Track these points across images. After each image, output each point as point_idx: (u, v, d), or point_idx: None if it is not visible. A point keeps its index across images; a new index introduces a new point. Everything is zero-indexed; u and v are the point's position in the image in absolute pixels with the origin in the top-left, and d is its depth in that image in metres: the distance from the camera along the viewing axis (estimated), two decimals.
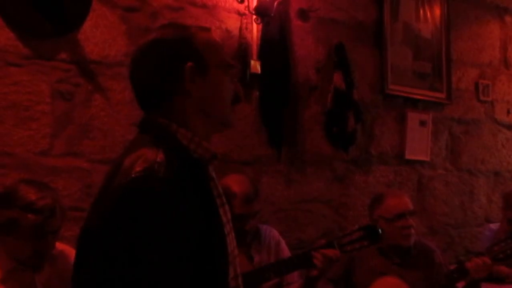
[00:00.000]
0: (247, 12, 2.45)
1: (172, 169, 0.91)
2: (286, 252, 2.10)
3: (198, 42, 1.02)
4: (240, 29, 2.48)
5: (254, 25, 2.46)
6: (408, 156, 2.98)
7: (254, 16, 2.44)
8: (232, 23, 2.46)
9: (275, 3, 2.42)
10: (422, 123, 3.03)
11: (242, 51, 2.47)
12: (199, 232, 0.92)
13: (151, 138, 0.98)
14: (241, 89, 0.98)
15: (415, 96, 3.00)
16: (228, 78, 1.06)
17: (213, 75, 1.03)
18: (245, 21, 2.47)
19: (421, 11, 3.04)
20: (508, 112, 3.41)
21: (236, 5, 2.46)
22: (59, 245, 1.70)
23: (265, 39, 2.47)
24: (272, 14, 2.43)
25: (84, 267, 0.92)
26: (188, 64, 0.99)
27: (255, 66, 2.44)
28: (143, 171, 0.88)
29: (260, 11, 2.42)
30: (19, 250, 1.53)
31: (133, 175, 0.88)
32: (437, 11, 3.10)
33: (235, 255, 1.06)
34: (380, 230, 1.86)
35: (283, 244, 2.12)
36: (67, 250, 1.76)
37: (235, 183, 1.97)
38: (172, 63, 0.99)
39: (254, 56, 2.45)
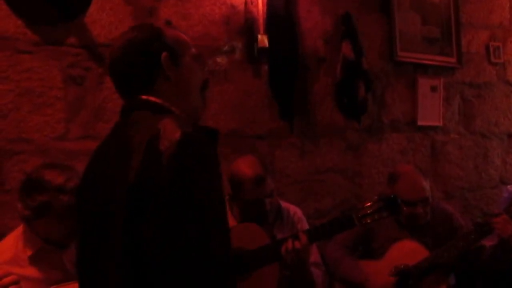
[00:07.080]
0: None
1: (199, 130, 1.08)
2: None
3: (167, 36, 1.16)
4: (246, 3, 2.46)
5: None
6: (420, 122, 2.96)
7: None
8: None
9: None
10: (433, 89, 3.00)
11: (249, 26, 2.45)
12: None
13: (155, 113, 1.09)
14: (208, 78, 1.17)
15: (425, 62, 2.97)
16: (198, 66, 1.20)
17: (185, 63, 1.17)
18: None
19: None
20: None
21: None
22: None
23: (271, 13, 2.45)
24: None
25: (147, 216, 0.98)
26: (164, 54, 1.14)
27: (263, 40, 2.43)
28: (185, 133, 1.02)
29: None
30: (52, 231, 1.57)
31: (180, 137, 1.01)
32: None
33: None
34: (400, 201, 1.80)
35: (305, 223, 2.09)
36: None
37: (242, 168, 1.92)
38: (150, 54, 1.13)
39: (261, 30, 2.44)
